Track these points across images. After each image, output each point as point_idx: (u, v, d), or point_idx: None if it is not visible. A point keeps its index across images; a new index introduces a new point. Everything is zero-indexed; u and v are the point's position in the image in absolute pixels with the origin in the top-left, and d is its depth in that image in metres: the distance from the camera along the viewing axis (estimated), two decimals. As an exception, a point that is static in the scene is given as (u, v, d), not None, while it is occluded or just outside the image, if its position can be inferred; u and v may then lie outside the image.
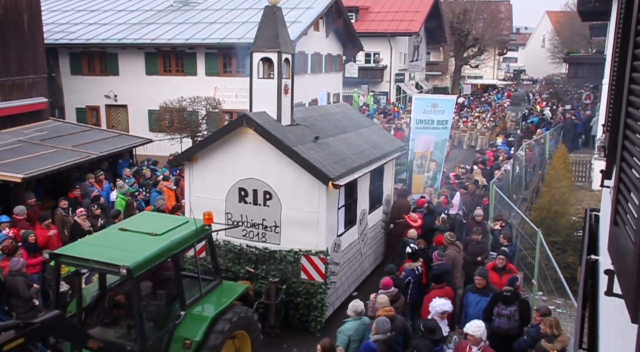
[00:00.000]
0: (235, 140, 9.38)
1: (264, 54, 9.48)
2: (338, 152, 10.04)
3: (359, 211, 10.76)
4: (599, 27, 27.63)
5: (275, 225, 9.32)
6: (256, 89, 9.62)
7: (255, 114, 9.29)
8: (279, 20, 9.59)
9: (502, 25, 54.09)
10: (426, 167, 15.70)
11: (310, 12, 24.62)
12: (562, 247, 12.48)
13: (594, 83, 28.52)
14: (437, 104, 15.97)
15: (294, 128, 9.84)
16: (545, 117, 30.88)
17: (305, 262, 9.09)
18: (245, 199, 9.45)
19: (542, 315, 7.45)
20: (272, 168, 9.15)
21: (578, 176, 21.08)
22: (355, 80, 36.43)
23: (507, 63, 76.71)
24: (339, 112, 12.75)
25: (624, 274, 2.02)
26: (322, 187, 8.78)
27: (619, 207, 2.38)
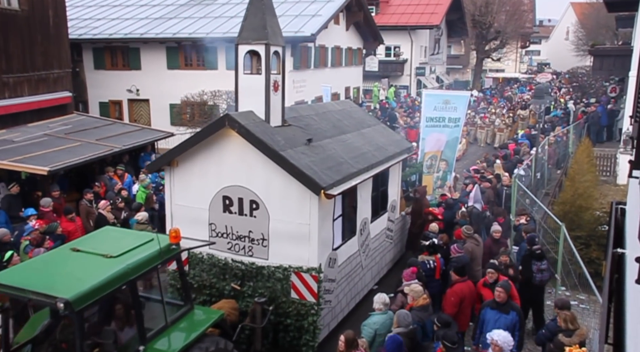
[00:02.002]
0: (219, 143, 8.46)
1: (250, 47, 8.51)
2: (334, 156, 9.07)
3: (360, 220, 9.80)
4: (625, 18, 27.02)
5: (263, 238, 8.39)
6: (242, 85, 8.66)
7: (239, 114, 8.41)
8: (267, 9, 8.59)
9: (524, 18, 53.21)
10: (436, 167, 14.89)
11: (330, 5, 24.57)
12: (586, 242, 12.30)
13: (620, 76, 27.94)
14: (449, 101, 15.02)
15: (285, 129, 8.88)
16: (569, 110, 30.41)
17: (295, 279, 8.16)
18: (230, 209, 8.51)
19: (559, 308, 7.39)
20: (258, 175, 8.24)
21: (602, 170, 20.71)
22: (375, 74, 36.27)
23: (530, 56, 75.59)
24: (339, 110, 11.70)
25: (655, 262, 1.98)
26: (314, 196, 7.86)
27: (650, 196, 2.34)
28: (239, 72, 8.63)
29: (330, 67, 26.75)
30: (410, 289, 7.84)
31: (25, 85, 16.43)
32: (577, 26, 58.37)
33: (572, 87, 42.00)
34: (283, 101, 9.04)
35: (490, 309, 7.60)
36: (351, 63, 29.95)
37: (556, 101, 35.21)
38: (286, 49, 21.94)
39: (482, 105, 34.01)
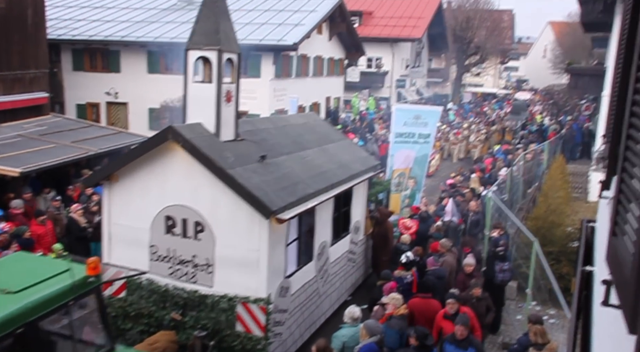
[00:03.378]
0: (163, 157, 7.78)
1: (201, 53, 7.92)
2: (290, 175, 8.38)
3: (318, 244, 9.12)
4: (601, 39, 27.70)
5: (208, 263, 7.72)
6: (191, 94, 8.03)
7: (185, 126, 7.74)
8: (221, 12, 7.98)
9: (504, 34, 54.26)
10: (404, 186, 14.18)
11: (313, 15, 24.68)
12: (557, 257, 12.46)
13: (594, 95, 28.60)
14: (420, 116, 14.32)
15: (237, 144, 8.21)
16: (545, 127, 30.97)
17: (242, 310, 7.50)
18: (173, 230, 7.84)
19: (532, 323, 7.49)
20: (204, 194, 7.60)
21: (575, 187, 21.08)
22: (356, 85, 36.47)
23: (509, 72, 76.87)
24: (301, 124, 10.95)
25: (622, 284, 2.02)
26: (264, 220, 7.24)
27: (619, 218, 2.38)
28: (187, 80, 8.03)
29: (311, 77, 26.81)
30: (391, 297, 7.85)
31: (0, 85, 16.12)
32: (555, 45, 59.68)
33: (548, 104, 42.81)
34: (236, 113, 8.39)
35: (448, 343, 7.29)
36: (332, 73, 30.08)
37: (532, 117, 35.80)
38: (268, 57, 22.27)
39: (457, 120, 34.25)
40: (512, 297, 11.49)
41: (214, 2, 7.96)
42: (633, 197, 2.07)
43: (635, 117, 2.20)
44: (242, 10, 25.62)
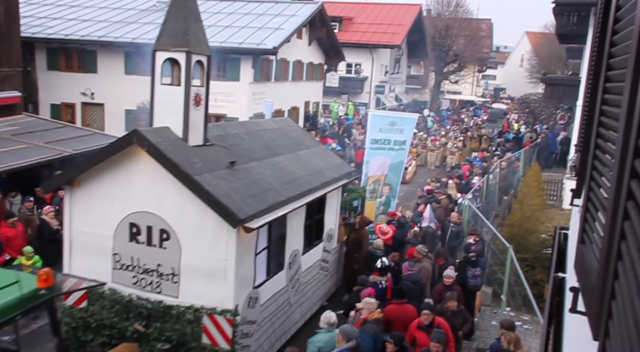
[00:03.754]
0: (127, 162, 7.48)
1: (169, 54, 7.61)
2: (260, 182, 8.11)
3: (289, 253, 8.87)
4: (575, 50, 28.29)
5: (173, 273, 7.42)
6: (158, 97, 7.71)
7: (151, 130, 7.44)
8: (190, 13, 7.69)
9: (482, 43, 54.99)
10: (379, 192, 13.97)
11: (294, 19, 24.69)
12: (531, 264, 12.63)
13: (569, 104, 29.17)
14: (396, 123, 14.14)
15: (206, 149, 7.92)
16: (521, 135, 31.43)
17: (208, 322, 7.23)
18: (138, 238, 7.52)
19: (505, 329, 7.55)
20: (171, 201, 7.31)
21: (550, 194, 21.43)
22: (335, 90, 36.58)
23: (486, 80, 77.93)
24: (275, 129, 10.64)
25: (588, 291, 2.04)
26: (231, 229, 6.98)
27: (587, 225, 2.41)
28: (155, 82, 7.71)
29: (290, 81, 26.81)
30: (365, 302, 7.87)
31: (-29, 83, 15.76)
32: (531, 54, 60.68)
33: (524, 113, 43.48)
34: (206, 117, 8.05)
35: None
36: (312, 78, 30.12)
37: (508, 125, 36.32)
38: (248, 61, 22.19)
39: (434, 127, 34.51)
40: (487, 303, 11.60)
41: (182, 3, 7.67)
42: (600, 206, 2.09)
43: (603, 128, 2.23)
44: (222, 14, 25.52)
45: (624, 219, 1.31)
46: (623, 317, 1.13)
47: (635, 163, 1.25)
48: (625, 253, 1.23)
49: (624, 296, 1.16)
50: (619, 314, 1.20)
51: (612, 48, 2.16)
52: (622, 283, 1.22)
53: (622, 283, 1.22)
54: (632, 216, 1.20)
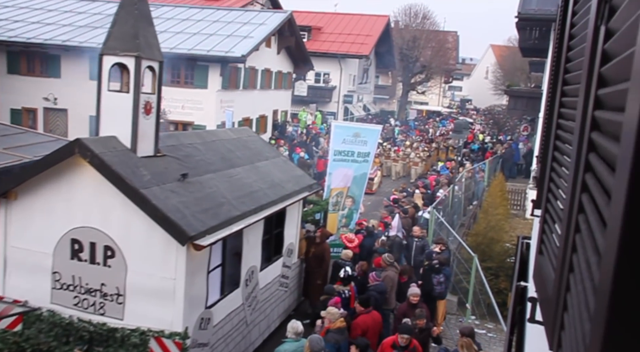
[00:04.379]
0: (69, 174, 6.96)
1: (117, 59, 7.18)
2: (214, 196, 7.66)
3: (245, 270, 8.46)
4: (537, 63, 29.11)
5: (118, 293, 6.94)
6: (105, 105, 7.23)
7: (96, 140, 6.95)
8: (141, 15, 7.27)
9: (448, 55, 56.05)
10: (341, 205, 13.61)
11: (262, 28, 24.70)
12: (496, 272, 12.83)
13: (532, 116, 29.92)
14: (360, 134, 13.79)
15: (156, 161, 7.45)
16: (486, 145, 32.07)
17: (155, 346, 6.70)
18: (80, 255, 7.03)
19: (464, 335, 7.66)
20: (116, 216, 6.85)
21: (513, 204, 21.88)
22: (304, 99, 36.68)
23: (452, 91, 79.36)
24: (233, 139, 10.24)
25: (544, 302, 2.07)
26: (181, 246, 6.58)
27: (544, 236, 2.45)
28: (102, 88, 7.22)
29: (259, 89, 26.75)
30: (327, 312, 7.87)
31: None
32: (496, 67, 62.14)
33: (489, 124, 44.41)
34: (157, 127, 7.59)
35: None
36: (280, 86, 30.13)
37: (474, 136, 37.01)
38: (216, 68, 22.05)
39: (400, 138, 34.79)
40: (453, 311, 11.72)
41: (132, 4, 7.22)
42: (557, 217, 2.13)
43: (559, 141, 2.29)
44: (191, 20, 25.35)
45: (576, 231, 1.34)
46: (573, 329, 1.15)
47: (586, 177, 1.28)
48: (576, 265, 1.25)
49: (574, 307, 1.18)
50: (569, 326, 1.22)
51: (568, 63, 2.22)
52: (572, 295, 1.24)
53: (572, 295, 1.24)
54: (583, 229, 1.23)
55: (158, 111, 7.62)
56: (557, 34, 3.39)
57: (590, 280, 0.98)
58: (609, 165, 1.01)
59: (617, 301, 0.73)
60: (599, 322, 0.77)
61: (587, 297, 0.98)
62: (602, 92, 1.24)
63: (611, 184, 0.91)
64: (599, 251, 0.93)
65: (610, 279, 0.75)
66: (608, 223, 0.84)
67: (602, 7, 1.36)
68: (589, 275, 1.01)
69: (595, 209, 1.08)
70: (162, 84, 7.76)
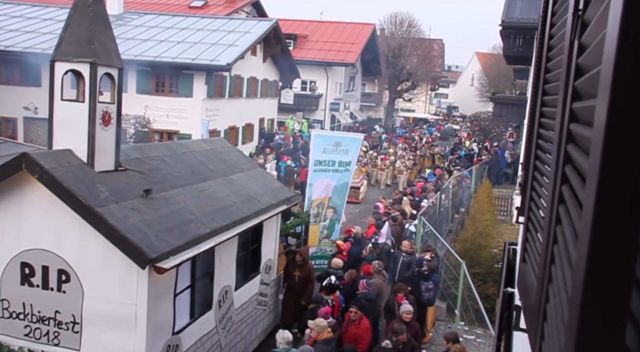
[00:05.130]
0: (18, 191, 6.37)
1: (70, 65, 6.62)
2: (181, 212, 7.13)
3: (218, 290, 7.92)
4: (521, 71, 29.42)
5: (74, 321, 6.38)
6: (59, 116, 6.66)
7: (46, 154, 6.37)
8: (96, 18, 6.67)
9: (434, 63, 56.50)
10: (322, 216, 13.20)
11: (248, 36, 24.72)
12: (484, 278, 12.91)
13: (517, 122, 30.23)
14: (341, 143, 13.40)
15: (117, 176, 6.89)
16: (473, 152, 32.30)
17: None
18: (31, 280, 6.45)
19: (451, 341, 7.67)
20: (70, 237, 6.28)
21: (500, 210, 22.03)
22: (290, 107, 36.70)
23: (439, 99, 79.96)
24: (205, 150, 9.68)
25: (528, 310, 2.09)
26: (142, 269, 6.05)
27: (527, 245, 2.47)
28: (54, 97, 6.66)
29: (245, 98, 26.74)
30: (315, 323, 7.85)
31: None
32: (481, 74, 62.75)
33: (474, 131, 44.77)
34: (118, 139, 7.06)
35: None
36: (267, 94, 30.14)
37: (460, 143, 37.24)
38: (201, 77, 21.98)
39: (385, 146, 34.78)
40: (442, 317, 11.74)
41: (87, 6, 6.59)
42: (539, 226, 2.16)
43: (540, 150, 2.31)
44: (175, 29, 25.30)
45: (554, 242, 1.36)
46: (551, 340, 1.16)
47: (563, 189, 1.30)
48: (554, 276, 1.27)
49: (552, 318, 1.20)
50: (548, 336, 1.24)
51: (547, 74, 2.25)
52: (551, 306, 1.25)
53: (551, 306, 1.25)
54: (559, 240, 1.24)
55: (119, 122, 7.12)
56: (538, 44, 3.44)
57: (565, 292, 0.99)
58: (582, 178, 1.03)
59: (587, 315, 0.74)
60: (571, 336, 0.79)
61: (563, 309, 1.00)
62: (576, 105, 1.26)
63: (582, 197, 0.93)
64: (571, 263, 0.94)
65: (580, 292, 0.76)
66: (579, 235, 0.86)
67: (576, 21, 1.39)
68: (565, 287, 1.02)
69: (570, 221, 1.10)
70: (122, 92, 7.21)
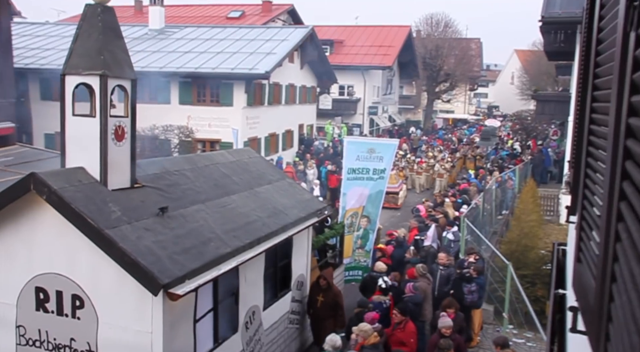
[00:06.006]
0: (30, 212, 6.03)
1: (80, 79, 6.23)
2: (199, 231, 6.63)
3: (244, 311, 7.44)
4: (564, 67, 28.62)
5: (89, 349, 6.02)
6: (71, 132, 6.29)
7: (57, 173, 5.97)
8: (106, 27, 6.29)
9: (472, 62, 55.68)
10: (356, 226, 12.57)
11: (285, 44, 24.96)
12: (532, 280, 12.58)
13: (561, 120, 29.40)
14: (374, 149, 12.73)
15: (131, 194, 6.48)
16: (516, 151, 31.60)
17: None
18: (46, 306, 6.07)
19: (500, 346, 7.50)
20: (82, 260, 5.89)
21: (546, 210, 21.44)
22: (328, 112, 36.82)
23: (478, 98, 78.65)
24: (230, 162, 9.18)
25: (587, 311, 2.03)
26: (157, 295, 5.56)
27: (582, 244, 2.41)
28: (66, 112, 6.28)
29: (284, 105, 26.97)
30: (359, 329, 7.80)
31: (-35, 116, 15.80)
32: (521, 72, 61.37)
33: (513, 130, 43.82)
34: (133, 154, 6.62)
35: None
36: (305, 101, 30.32)
37: (502, 142, 36.50)
38: (240, 86, 22.33)
39: (423, 148, 34.36)
40: (489, 321, 11.51)
41: (95, 15, 6.22)
42: (594, 224, 2.10)
43: (592, 146, 2.25)
44: (214, 40, 25.79)
45: (616, 240, 1.31)
46: (620, 341, 1.12)
47: (624, 185, 1.26)
48: (619, 276, 1.23)
49: (619, 319, 1.16)
50: (616, 337, 1.20)
51: (597, 68, 2.19)
52: (617, 306, 1.21)
53: (617, 306, 1.21)
54: (623, 238, 1.20)
55: (133, 137, 6.68)
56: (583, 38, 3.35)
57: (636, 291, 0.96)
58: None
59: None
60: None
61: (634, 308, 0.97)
62: (635, 98, 1.22)
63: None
64: (642, 261, 0.91)
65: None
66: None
67: (632, 12, 1.34)
68: (634, 286, 0.99)
69: (636, 217, 1.06)
70: (136, 105, 6.81)
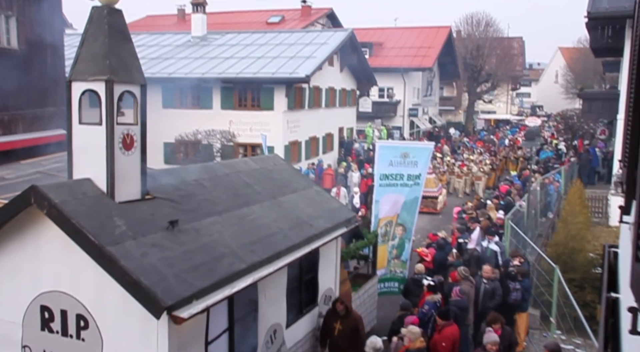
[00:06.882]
0: (34, 227, 5.64)
1: (86, 85, 5.85)
2: (212, 246, 6.07)
3: (265, 329, 6.94)
4: (612, 63, 27.75)
5: None
6: (78, 141, 5.95)
7: (60, 186, 5.61)
8: (113, 30, 5.90)
9: (514, 61, 54.63)
10: (391, 234, 11.90)
11: (325, 47, 25.08)
12: (580, 284, 12.21)
13: (609, 118, 28.47)
14: (408, 154, 11.98)
15: (140, 206, 6.01)
16: (561, 152, 30.75)
17: None
18: (50, 325, 5.70)
19: (548, 351, 7.32)
20: (86, 279, 5.47)
21: (594, 211, 20.79)
22: (368, 115, 36.75)
23: (521, 98, 77.02)
24: (253, 170, 8.59)
25: (648, 312, 1.97)
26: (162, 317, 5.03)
27: (640, 243, 2.34)
28: (72, 121, 5.94)
29: (324, 108, 27.08)
30: (408, 330, 7.74)
31: (19, 123, 16.50)
32: (566, 70, 59.84)
33: (562, 129, 42.67)
34: (144, 164, 6.23)
35: None
36: (345, 104, 30.36)
37: (547, 143, 35.61)
38: (281, 90, 22.54)
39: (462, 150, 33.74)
40: (536, 325, 11.25)
41: (101, 18, 5.85)
42: (655, 222, 2.04)
43: (653, 142, 2.19)
44: (255, 45, 26.14)
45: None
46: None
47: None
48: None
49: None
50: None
51: (657, 62, 2.13)
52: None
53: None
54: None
55: (144, 145, 6.28)
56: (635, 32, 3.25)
57: None
58: None
59: None
60: None
61: None
62: None
63: None
64: None
65: None
66: None
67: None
68: None
69: None
70: (145, 111, 6.41)
